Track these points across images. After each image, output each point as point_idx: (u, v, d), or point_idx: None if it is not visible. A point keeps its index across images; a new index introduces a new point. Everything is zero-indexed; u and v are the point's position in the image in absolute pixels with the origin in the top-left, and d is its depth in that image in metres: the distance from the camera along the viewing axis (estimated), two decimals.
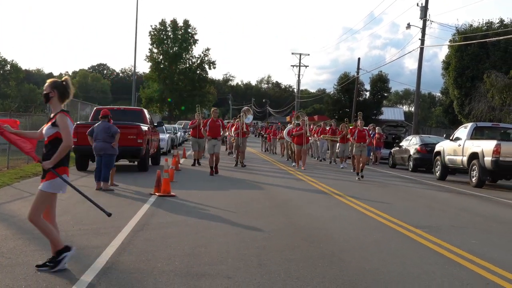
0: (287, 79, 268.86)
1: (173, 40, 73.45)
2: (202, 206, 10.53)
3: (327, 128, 28.22)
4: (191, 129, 22.15)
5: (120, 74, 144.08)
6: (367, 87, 63.09)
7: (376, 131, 29.18)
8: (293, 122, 25.44)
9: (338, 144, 25.62)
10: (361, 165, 18.34)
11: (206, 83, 75.58)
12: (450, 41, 40.81)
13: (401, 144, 27.06)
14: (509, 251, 7.73)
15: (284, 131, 26.84)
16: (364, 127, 19.78)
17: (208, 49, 75.34)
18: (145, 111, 20.16)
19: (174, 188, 12.46)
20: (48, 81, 6.15)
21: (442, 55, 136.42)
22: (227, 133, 27.05)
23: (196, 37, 74.77)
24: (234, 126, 23.80)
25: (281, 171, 20.55)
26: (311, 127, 28.18)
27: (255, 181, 16.05)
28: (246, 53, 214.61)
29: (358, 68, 52.54)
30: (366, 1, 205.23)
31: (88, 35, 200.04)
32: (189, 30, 74.04)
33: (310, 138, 24.59)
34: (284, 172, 20.25)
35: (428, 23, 34.03)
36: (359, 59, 53.05)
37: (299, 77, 70.85)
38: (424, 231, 8.80)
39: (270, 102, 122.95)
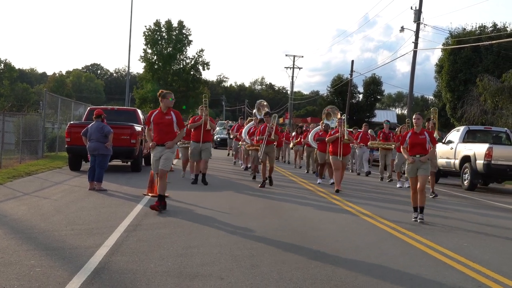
0: (280, 80, 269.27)
1: (167, 41, 73.30)
2: (195, 207, 10.53)
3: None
4: (192, 130, 14.66)
5: (114, 74, 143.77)
6: (361, 89, 63.35)
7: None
8: (321, 121, 18.93)
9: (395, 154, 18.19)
10: (419, 196, 10.17)
11: (200, 84, 75.46)
12: (443, 44, 41.02)
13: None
14: (500, 254, 7.78)
15: (309, 135, 19.90)
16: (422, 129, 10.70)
17: (202, 50, 75.14)
18: (139, 111, 20.13)
19: (167, 188, 12.43)
20: None
21: (434, 58, 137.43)
22: (240, 141, 20.20)
23: (190, 38, 74.72)
24: (250, 130, 17.57)
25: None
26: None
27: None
28: (240, 54, 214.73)
29: (352, 71, 52.79)
30: (361, 4, 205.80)
31: (82, 35, 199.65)
32: (183, 31, 73.88)
33: (351, 145, 16.97)
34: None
35: (421, 26, 34.23)
36: (352, 61, 53.31)
37: (292, 79, 71.01)
38: (416, 233, 8.84)
39: None
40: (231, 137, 24.46)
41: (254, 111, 17.69)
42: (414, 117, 10.63)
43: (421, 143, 10.30)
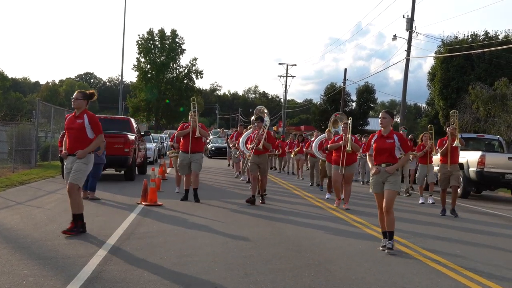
0: (274, 89, 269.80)
1: (160, 50, 73.55)
2: (189, 215, 10.52)
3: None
4: (181, 138, 13.14)
5: (107, 83, 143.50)
6: (354, 97, 63.59)
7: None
8: (328, 128, 17.10)
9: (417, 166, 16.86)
10: (385, 218, 8.17)
11: (193, 93, 75.58)
12: (436, 52, 41.26)
13: None
14: (492, 261, 7.80)
15: (314, 144, 17.38)
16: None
17: (195, 59, 75.50)
18: (132, 120, 20.12)
19: (160, 197, 12.43)
20: None
21: (427, 66, 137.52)
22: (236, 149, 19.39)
23: (183, 46, 74.93)
24: (247, 140, 14.34)
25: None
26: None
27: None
28: (233, 63, 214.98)
29: (345, 79, 52.95)
30: (353, 12, 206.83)
31: (75, 44, 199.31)
32: (176, 39, 74.17)
33: (358, 154, 14.64)
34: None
35: (414, 34, 34.40)
36: (345, 69, 53.73)
37: (286, 87, 70.99)
38: (409, 241, 8.87)
39: None
40: (230, 146, 22.62)
41: (253, 118, 15.65)
42: (380, 115, 8.45)
43: (389, 149, 8.11)
